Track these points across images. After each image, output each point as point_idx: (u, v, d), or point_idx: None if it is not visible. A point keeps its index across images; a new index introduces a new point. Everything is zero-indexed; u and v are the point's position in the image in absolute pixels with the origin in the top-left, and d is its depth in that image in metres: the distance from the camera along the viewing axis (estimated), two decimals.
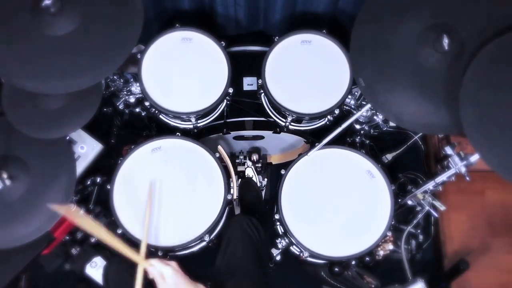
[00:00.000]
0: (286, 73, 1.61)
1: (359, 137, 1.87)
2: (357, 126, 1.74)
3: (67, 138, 1.57)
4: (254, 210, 1.73)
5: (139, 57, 1.59)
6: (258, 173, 1.85)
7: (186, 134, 1.61)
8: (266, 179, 1.92)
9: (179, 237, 1.44)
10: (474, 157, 1.40)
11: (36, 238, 1.38)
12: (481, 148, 1.15)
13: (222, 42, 1.63)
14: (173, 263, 1.22)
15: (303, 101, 1.58)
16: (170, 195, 1.49)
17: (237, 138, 1.83)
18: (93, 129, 1.71)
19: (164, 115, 1.65)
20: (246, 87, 1.81)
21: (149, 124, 1.91)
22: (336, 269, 1.63)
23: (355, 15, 1.40)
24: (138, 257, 1.23)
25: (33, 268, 1.75)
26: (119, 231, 1.42)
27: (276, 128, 1.72)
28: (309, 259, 1.56)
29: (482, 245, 1.89)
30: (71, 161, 1.50)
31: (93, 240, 1.75)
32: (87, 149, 1.67)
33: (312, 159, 1.57)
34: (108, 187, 1.49)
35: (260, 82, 1.62)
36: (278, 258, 1.68)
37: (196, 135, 1.70)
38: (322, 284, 1.84)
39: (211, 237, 1.51)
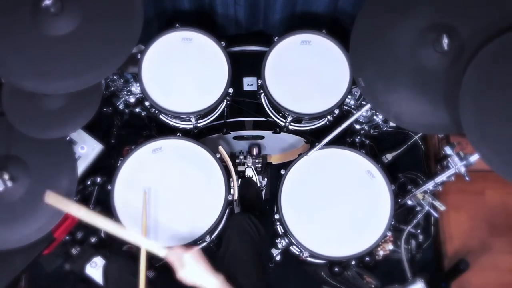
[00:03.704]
0: (286, 73, 1.61)
1: (359, 137, 1.87)
2: (357, 126, 1.74)
3: (68, 138, 1.58)
4: (254, 209, 1.73)
5: (139, 57, 1.59)
6: (258, 173, 1.85)
7: (186, 134, 1.61)
8: (266, 179, 1.92)
9: (180, 238, 1.44)
10: (474, 157, 1.40)
11: (37, 239, 1.38)
12: (481, 148, 1.15)
13: (222, 42, 1.63)
14: (195, 250, 1.15)
15: (302, 101, 1.58)
16: (171, 195, 1.49)
17: (237, 138, 1.83)
18: (93, 129, 1.71)
19: (164, 115, 1.65)
20: (246, 87, 1.81)
21: (149, 124, 1.91)
22: (336, 269, 1.63)
23: (355, 15, 1.40)
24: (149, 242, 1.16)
25: (33, 268, 1.74)
26: None
27: (276, 128, 1.72)
28: (309, 259, 1.56)
29: (482, 245, 1.89)
30: (71, 162, 1.50)
31: (93, 240, 1.75)
32: (87, 149, 1.67)
33: (312, 159, 1.57)
34: (109, 187, 1.49)
35: (260, 82, 1.62)
36: (278, 258, 1.68)
37: (196, 135, 1.70)
38: (322, 284, 1.84)
39: (212, 237, 1.51)
